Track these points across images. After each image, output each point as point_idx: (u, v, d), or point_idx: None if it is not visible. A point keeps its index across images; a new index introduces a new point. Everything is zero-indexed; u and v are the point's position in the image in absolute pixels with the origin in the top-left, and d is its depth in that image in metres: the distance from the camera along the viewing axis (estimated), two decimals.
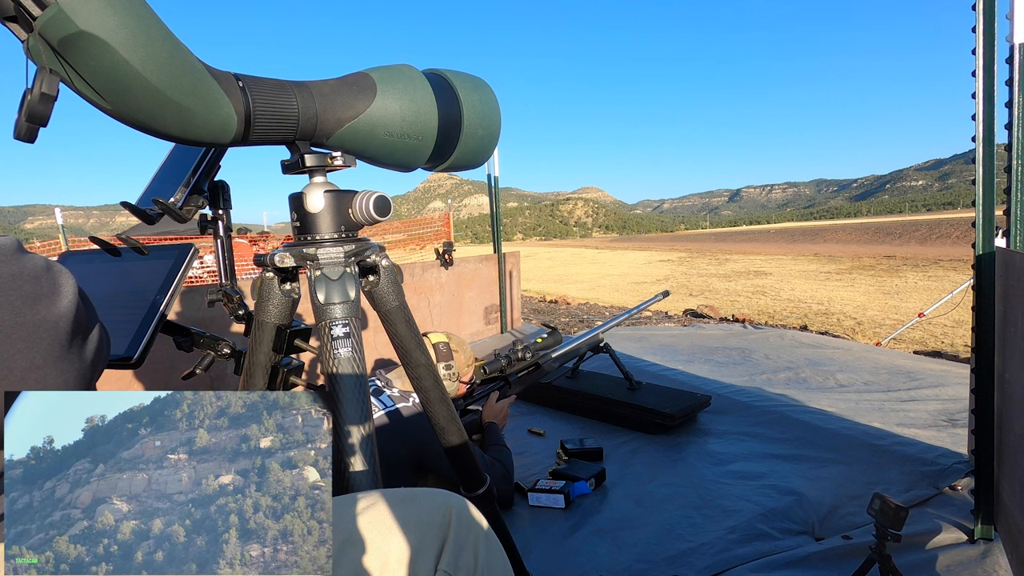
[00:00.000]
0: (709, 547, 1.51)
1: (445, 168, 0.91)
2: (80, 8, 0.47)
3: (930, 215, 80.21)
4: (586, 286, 11.94)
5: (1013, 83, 1.21)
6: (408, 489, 0.68)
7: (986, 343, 1.37)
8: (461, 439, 1.02)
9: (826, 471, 1.87)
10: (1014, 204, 1.24)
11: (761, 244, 32.30)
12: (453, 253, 3.91)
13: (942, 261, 13.49)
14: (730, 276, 12.61)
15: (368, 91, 0.76)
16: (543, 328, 2.80)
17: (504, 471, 1.74)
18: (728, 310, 7.19)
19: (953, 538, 1.45)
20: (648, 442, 2.22)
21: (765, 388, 2.72)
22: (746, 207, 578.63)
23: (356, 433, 0.78)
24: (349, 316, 0.81)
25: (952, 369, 3.03)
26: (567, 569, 1.47)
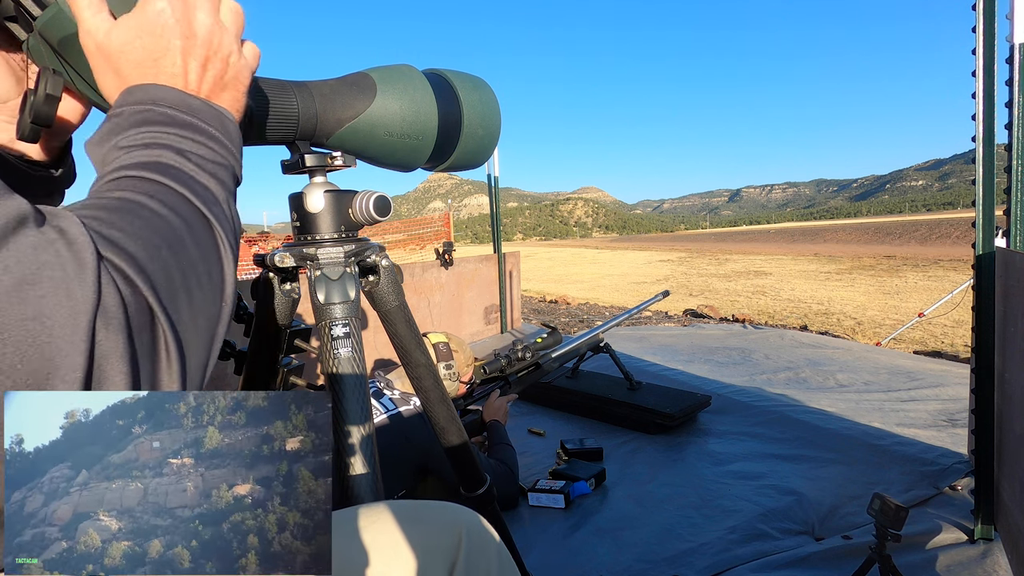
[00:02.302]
0: (709, 547, 1.51)
1: (445, 168, 0.91)
2: None
3: (930, 215, 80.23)
4: (586, 286, 11.94)
5: (1013, 83, 1.21)
6: (415, 503, 0.65)
7: (986, 343, 1.37)
8: (461, 439, 1.02)
9: (826, 471, 1.87)
10: (1014, 204, 1.24)
11: (761, 244, 32.30)
12: (453, 253, 3.91)
13: (942, 261, 13.49)
14: (730, 276, 12.61)
15: (368, 91, 0.76)
16: (543, 328, 2.80)
17: (509, 472, 1.74)
18: (728, 310, 7.19)
19: (953, 538, 1.45)
20: (648, 442, 2.22)
21: (765, 388, 2.72)
22: (746, 207, 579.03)
23: (356, 433, 0.78)
24: (349, 316, 0.81)
25: (952, 369, 3.03)
26: (567, 569, 1.47)
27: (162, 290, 0.34)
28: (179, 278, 0.36)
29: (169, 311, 0.35)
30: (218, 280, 0.39)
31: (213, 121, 0.43)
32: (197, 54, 0.42)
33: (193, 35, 0.42)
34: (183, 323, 0.36)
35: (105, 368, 0.31)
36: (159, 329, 0.34)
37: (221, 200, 0.41)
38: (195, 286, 0.37)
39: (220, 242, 0.40)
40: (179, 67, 0.42)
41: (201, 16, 0.42)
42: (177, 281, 0.36)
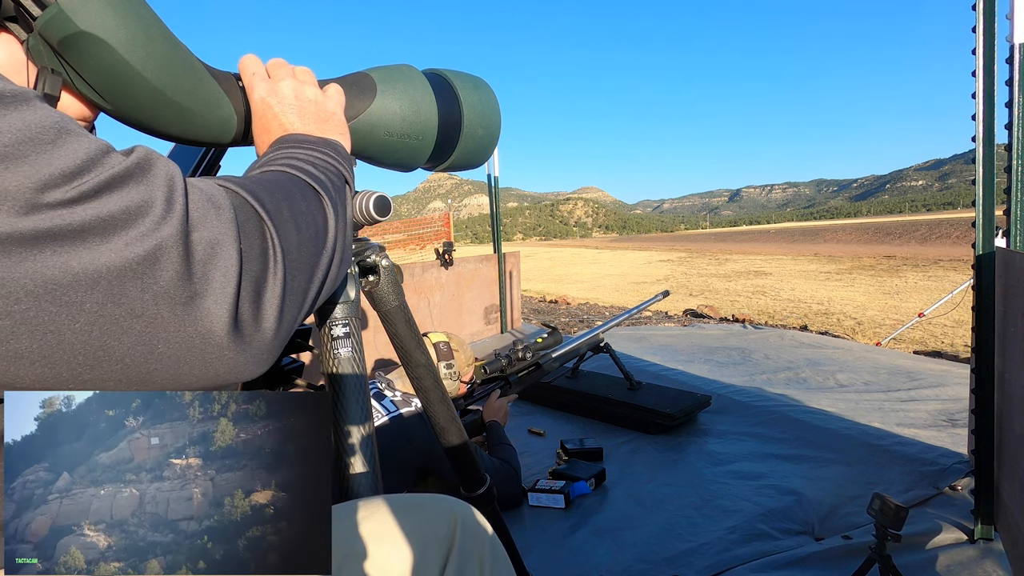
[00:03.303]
0: (709, 547, 1.51)
1: (445, 168, 0.91)
2: (80, 8, 0.47)
3: (930, 215, 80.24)
4: (586, 286, 11.94)
5: (1013, 83, 1.21)
6: (412, 496, 0.66)
7: (986, 343, 1.37)
8: (461, 439, 1.02)
9: (826, 471, 1.87)
10: (1014, 204, 1.24)
11: (761, 244, 32.31)
12: (453, 253, 3.91)
13: (942, 261, 13.50)
14: (730, 276, 12.61)
15: (368, 91, 0.76)
16: (543, 328, 2.81)
17: (513, 471, 1.74)
18: (728, 310, 7.19)
19: (953, 538, 1.45)
20: (648, 442, 2.22)
21: (765, 388, 2.72)
22: (746, 207, 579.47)
23: (356, 433, 0.78)
24: (349, 316, 0.81)
25: (952, 369, 3.03)
26: (567, 569, 1.47)
27: (270, 207, 0.41)
28: (287, 211, 0.43)
29: (276, 222, 0.41)
30: (323, 227, 0.47)
31: (319, 141, 0.59)
32: (301, 112, 0.61)
33: (294, 102, 0.62)
34: (288, 240, 0.41)
35: (218, 251, 0.35)
36: (267, 232, 0.39)
37: (326, 182, 0.52)
38: (303, 224, 0.44)
39: (325, 205, 0.49)
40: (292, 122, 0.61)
41: (285, 88, 0.62)
42: (285, 212, 0.43)
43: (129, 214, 0.31)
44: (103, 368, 0.30)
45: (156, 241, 0.32)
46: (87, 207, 0.30)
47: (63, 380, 0.30)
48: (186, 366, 0.33)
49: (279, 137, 0.59)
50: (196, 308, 0.33)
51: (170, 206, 0.33)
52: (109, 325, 0.30)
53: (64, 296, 0.29)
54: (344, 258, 0.51)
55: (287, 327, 0.39)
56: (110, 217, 0.31)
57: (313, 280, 0.44)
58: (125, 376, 0.31)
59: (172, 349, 0.32)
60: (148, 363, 0.32)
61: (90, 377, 0.30)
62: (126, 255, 0.31)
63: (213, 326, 0.33)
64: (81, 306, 0.29)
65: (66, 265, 0.29)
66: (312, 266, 0.44)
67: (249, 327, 0.35)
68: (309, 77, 0.65)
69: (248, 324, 0.35)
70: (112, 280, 0.30)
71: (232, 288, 0.34)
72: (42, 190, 0.29)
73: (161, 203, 0.33)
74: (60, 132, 0.31)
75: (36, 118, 0.30)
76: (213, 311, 0.33)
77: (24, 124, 0.29)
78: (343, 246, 0.50)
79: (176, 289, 0.32)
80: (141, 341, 0.31)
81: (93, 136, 0.33)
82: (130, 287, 0.31)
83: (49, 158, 0.29)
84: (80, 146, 0.31)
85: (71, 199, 0.30)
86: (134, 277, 0.31)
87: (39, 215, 0.28)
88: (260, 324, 0.36)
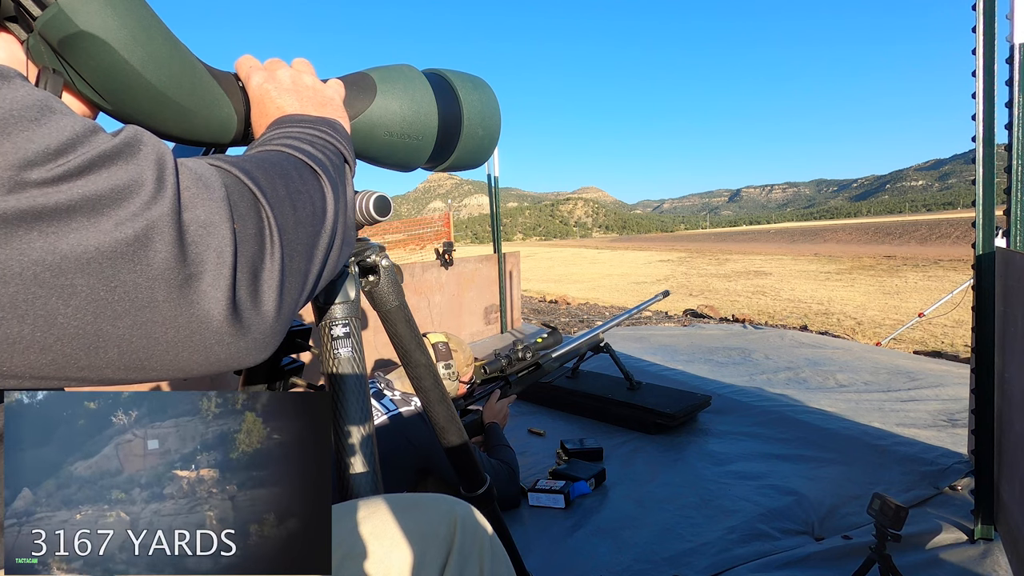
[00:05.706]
0: (709, 547, 1.51)
1: (445, 168, 0.91)
2: (80, 8, 0.47)
3: (930, 215, 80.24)
4: (586, 286, 11.94)
5: (1013, 83, 1.21)
6: (412, 495, 0.67)
7: (986, 343, 1.37)
8: (461, 439, 1.02)
9: (826, 471, 1.87)
10: (1014, 204, 1.24)
11: (761, 244, 32.31)
12: (453, 253, 3.91)
13: (942, 261, 13.50)
14: (730, 276, 12.61)
15: (368, 91, 0.76)
16: (543, 328, 2.80)
17: (511, 471, 1.74)
18: (728, 310, 7.19)
19: (953, 538, 1.45)
20: (648, 442, 2.22)
21: (765, 388, 2.72)
22: (746, 207, 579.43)
23: (356, 433, 0.78)
24: (349, 316, 0.81)
25: (952, 369, 3.03)
26: (567, 569, 1.47)
27: (264, 187, 0.40)
28: (283, 190, 0.42)
29: (271, 202, 0.39)
30: (321, 207, 0.45)
31: (316, 119, 0.57)
32: (298, 96, 0.61)
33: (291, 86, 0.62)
34: (285, 220, 0.40)
35: (212, 232, 0.34)
36: (262, 211, 0.38)
37: (324, 161, 0.50)
38: (300, 204, 0.43)
39: (324, 183, 0.47)
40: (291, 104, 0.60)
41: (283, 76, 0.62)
42: (281, 191, 0.41)
43: (118, 193, 0.30)
44: (99, 355, 0.30)
45: (147, 221, 0.31)
46: (73, 186, 0.29)
47: (59, 367, 0.29)
48: (185, 351, 0.32)
49: (276, 118, 0.57)
50: (192, 290, 0.32)
51: (161, 185, 0.32)
52: (102, 309, 0.29)
53: (54, 279, 0.28)
54: (346, 239, 0.49)
55: (288, 310, 0.38)
56: (98, 196, 0.30)
57: (313, 261, 0.43)
58: (123, 363, 0.31)
59: (169, 333, 0.32)
60: (145, 348, 0.31)
61: (87, 364, 0.30)
62: (116, 236, 0.30)
63: (210, 309, 0.32)
64: (72, 289, 0.29)
65: (54, 246, 0.28)
66: (311, 247, 0.43)
67: (248, 310, 0.35)
68: (307, 67, 0.65)
69: (247, 307, 0.35)
70: (103, 262, 0.29)
71: (228, 270, 0.34)
72: (25, 168, 0.28)
73: (151, 182, 0.32)
74: (43, 110, 0.30)
75: (18, 95, 0.29)
76: (209, 293, 0.33)
77: (4, 101, 0.28)
78: (344, 227, 0.48)
79: (170, 271, 0.31)
80: (137, 325, 0.31)
81: (79, 116, 0.32)
82: (122, 269, 0.30)
83: (32, 135, 0.28)
84: (64, 124, 0.30)
85: (56, 177, 0.29)
86: (126, 259, 0.30)
87: (22, 193, 0.27)
88: (259, 307, 0.35)
